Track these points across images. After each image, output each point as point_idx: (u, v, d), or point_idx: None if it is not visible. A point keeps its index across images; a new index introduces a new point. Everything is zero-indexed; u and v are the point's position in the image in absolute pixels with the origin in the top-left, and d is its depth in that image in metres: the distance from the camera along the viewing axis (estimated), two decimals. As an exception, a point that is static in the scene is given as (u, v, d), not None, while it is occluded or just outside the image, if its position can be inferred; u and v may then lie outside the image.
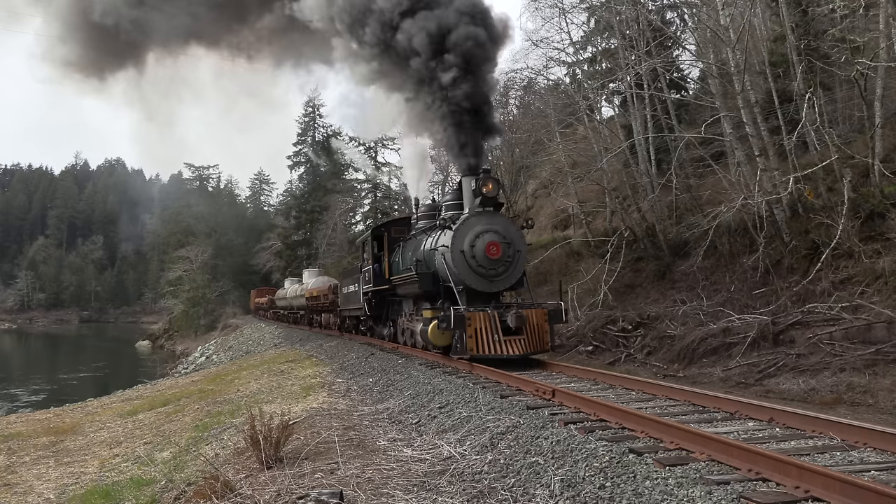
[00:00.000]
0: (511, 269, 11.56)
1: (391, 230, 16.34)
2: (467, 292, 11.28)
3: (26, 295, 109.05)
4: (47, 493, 7.93)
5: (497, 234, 11.38)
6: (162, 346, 58.14)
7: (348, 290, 20.23)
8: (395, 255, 15.43)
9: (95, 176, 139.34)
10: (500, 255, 11.27)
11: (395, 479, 5.21)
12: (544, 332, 10.98)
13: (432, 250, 12.27)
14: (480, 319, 10.57)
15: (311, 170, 60.61)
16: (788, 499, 3.74)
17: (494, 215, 11.77)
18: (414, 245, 13.89)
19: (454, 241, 11.26)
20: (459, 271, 11.19)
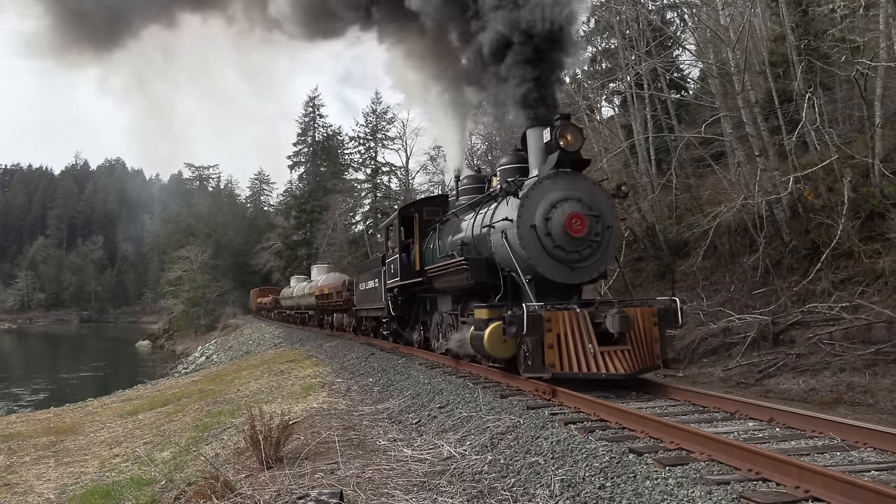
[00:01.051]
0: (599, 253, 8.64)
1: (423, 211, 13.35)
2: (537, 283, 8.36)
3: (26, 295, 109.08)
4: (47, 493, 7.93)
5: (581, 204, 8.42)
6: (162, 346, 58.16)
7: (366, 286, 17.33)
8: (428, 242, 12.79)
9: (95, 176, 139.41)
10: (586, 231, 8.34)
11: (395, 479, 5.21)
12: (653, 340, 8.05)
13: (485, 229, 9.39)
14: (566, 322, 7.57)
15: (311, 170, 60.68)
16: (788, 499, 3.74)
17: (576, 177, 8.76)
18: (455, 226, 11.31)
19: (522, 212, 8.41)
20: (529, 254, 8.33)
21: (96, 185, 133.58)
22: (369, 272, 17.07)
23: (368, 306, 17.36)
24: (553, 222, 8.34)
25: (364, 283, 17.75)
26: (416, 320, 13.85)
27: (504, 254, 8.73)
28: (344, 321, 23.09)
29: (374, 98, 52.03)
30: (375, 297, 15.93)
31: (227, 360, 28.87)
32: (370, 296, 16.73)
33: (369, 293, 16.89)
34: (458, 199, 12.03)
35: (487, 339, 8.11)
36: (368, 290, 17.00)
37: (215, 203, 79.15)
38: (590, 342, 7.49)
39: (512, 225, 8.52)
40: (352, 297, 20.32)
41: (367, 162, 51.86)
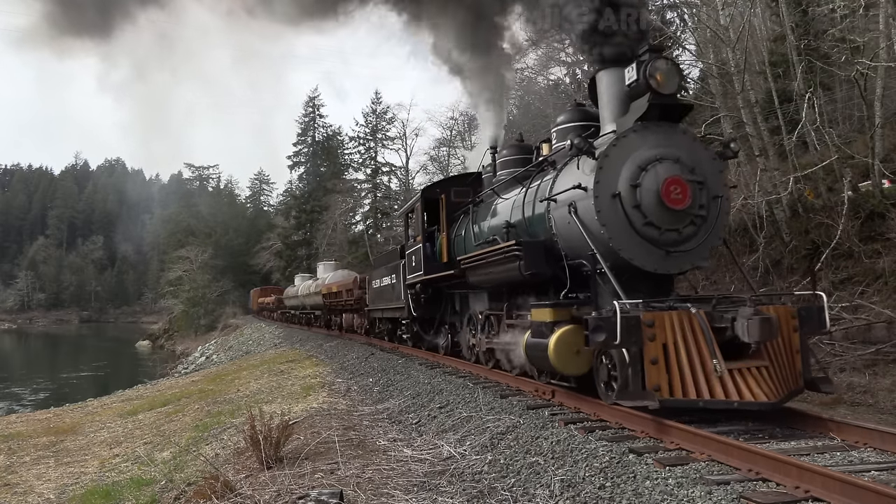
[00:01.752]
0: (703, 233, 6.55)
1: (450, 192, 11.52)
2: (617, 274, 6.19)
3: (26, 295, 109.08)
4: (47, 493, 7.93)
5: (680, 166, 6.39)
6: (162, 346, 58.15)
7: (381, 283, 15.50)
8: (458, 228, 11.12)
9: (95, 176, 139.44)
10: (688, 203, 6.29)
11: (395, 479, 5.21)
12: (794, 351, 5.98)
13: (543, 204, 7.48)
14: (676, 326, 5.50)
15: (311, 170, 60.72)
16: (788, 499, 3.74)
17: (673, 130, 6.70)
18: (494, 207, 9.52)
19: (601, 176, 6.40)
20: (610, 233, 6.32)
21: (96, 185, 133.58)
22: (385, 267, 15.26)
23: (384, 306, 15.45)
24: (644, 190, 6.28)
25: (378, 280, 15.91)
26: (442, 322, 12.10)
27: (571, 235, 6.80)
28: (354, 322, 21.09)
29: (374, 98, 51.94)
30: (392, 295, 14.10)
31: (227, 360, 28.87)
32: (386, 294, 14.98)
33: (385, 291, 15.04)
34: (497, 175, 10.09)
35: (554, 350, 6.03)
36: (384, 287, 15.18)
37: (215, 203, 79.18)
38: (713, 356, 5.37)
39: (586, 195, 6.49)
40: (364, 295, 18.47)
41: (367, 162, 51.96)
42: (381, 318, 16.70)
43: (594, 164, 6.50)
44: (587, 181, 6.55)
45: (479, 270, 8.69)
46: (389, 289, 14.46)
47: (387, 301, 14.92)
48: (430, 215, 11.90)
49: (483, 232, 9.67)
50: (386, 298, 14.97)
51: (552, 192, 7.28)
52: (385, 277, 15.01)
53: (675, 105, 6.69)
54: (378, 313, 16.71)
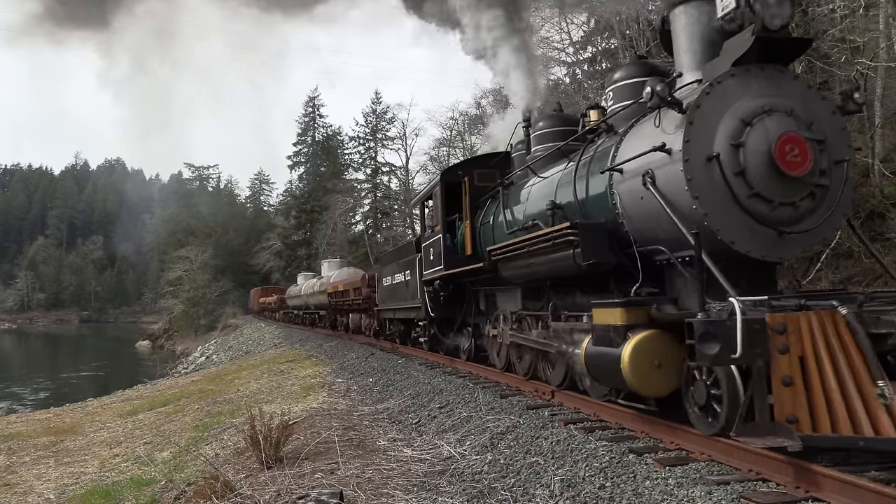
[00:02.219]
0: (824, 207, 5.17)
1: (474, 175, 10.26)
2: (714, 262, 4.73)
3: (26, 295, 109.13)
4: (47, 493, 7.93)
5: (796, 120, 5.00)
6: (162, 346, 58.17)
7: (393, 280, 14.25)
8: (483, 216, 9.75)
9: (95, 176, 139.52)
10: (809, 167, 4.92)
11: (395, 479, 5.21)
12: None
13: (603, 177, 6.10)
14: (815, 332, 4.10)
15: (311, 170, 60.76)
16: (788, 499, 3.74)
17: (782, 75, 5.24)
18: (529, 188, 8.22)
19: (691, 133, 5.00)
20: (707, 208, 4.95)
21: (96, 185, 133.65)
22: (397, 263, 13.95)
23: (396, 305, 14.11)
24: (749, 151, 4.86)
25: (389, 277, 14.58)
26: (464, 324, 10.89)
27: (645, 213, 5.41)
28: (362, 323, 19.79)
29: (374, 98, 51.95)
30: (406, 293, 12.85)
31: (226, 360, 28.88)
32: (398, 292, 13.71)
33: (397, 289, 13.79)
34: (533, 152, 8.65)
35: (630, 362, 4.67)
36: (396, 285, 13.86)
37: (215, 203, 79.23)
38: (879, 376, 3.91)
39: (669, 160, 5.07)
40: (373, 294, 17.21)
41: (367, 162, 52.01)
42: (393, 319, 15.38)
43: (681, 118, 4.97)
44: (672, 141, 5.03)
45: (516, 262, 7.34)
46: (403, 286, 13.23)
47: (399, 300, 13.69)
48: (451, 202, 10.49)
49: (517, 218, 8.25)
50: (398, 297, 13.77)
51: (615, 160, 5.81)
52: (397, 274, 13.73)
53: (786, 42, 5.05)
54: (389, 314, 15.37)
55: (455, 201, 10.49)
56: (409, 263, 12.72)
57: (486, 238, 9.36)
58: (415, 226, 41.93)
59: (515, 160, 9.56)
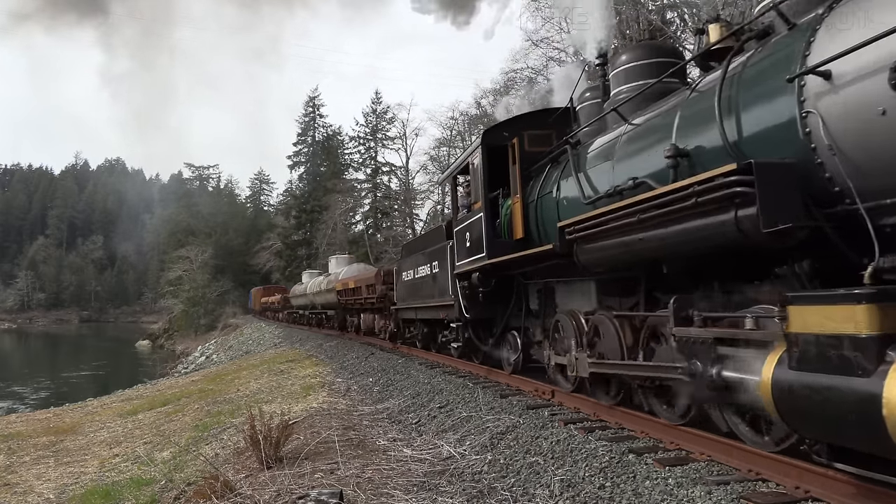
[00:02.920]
0: None
1: (523, 137, 8.21)
2: None
3: (26, 295, 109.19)
4: (47, 493, 7.93)
5: None
6: (162, 345, 58.20)
7: (415, 274, 12.27)
8: (541, 187, 7.69)
9: (95, 176, 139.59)
10: None
11: (395, 479, 5.21)
12: None
13: (782, 101, 3.93)
14: None
15: (311, 170, 60.81)
16: (788, 499, 3.74)
17: None
18: (609, 143, 6.32)
19: None
20: None
21: (96, 185, 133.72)
22: (422, 253, 11.90)
23: (419, 304, 12.10)
24: None
25: (411, 272, 12.54)
26: (508, 327, 8.89)
27: (880, 146, 3.34)
28: (376, 324, 17.77)
29: (374, 98, 51.96)
30: (433, 289, 10.98)
31: (226, 360, 28.89)
32: (423, 288, 11.72)
33: (421, 285, 11.79)
34: (615, 93, 6.65)
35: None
36: (420, 280, 11.86)
37: (215, 203, 79.28)
38: None
39: None
40: (389, 292, 15.44)
41: (367, 162, 52.06)
42: (414, 321, 13.28)
43: None
44: None
45: (609, 241, 5.22)
46: (428, 281, 11.26)
47: (424, 297, 11.65)
48: (494, 174, 8.47)
49: (599, 183, 6.18)
50: (423, 294, 11.70)
51: (809, 61, 3.69)
52: (421, 267, 11.75)
53: None
54: (409, 314, 13.28)
55: (500, 171, 8.35)
56: (437, 253, 10.70)
57: (546, 215, 7.38)
58: (415, 226, 42.01)
59: (582, 113, 7.55)
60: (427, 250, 11.68)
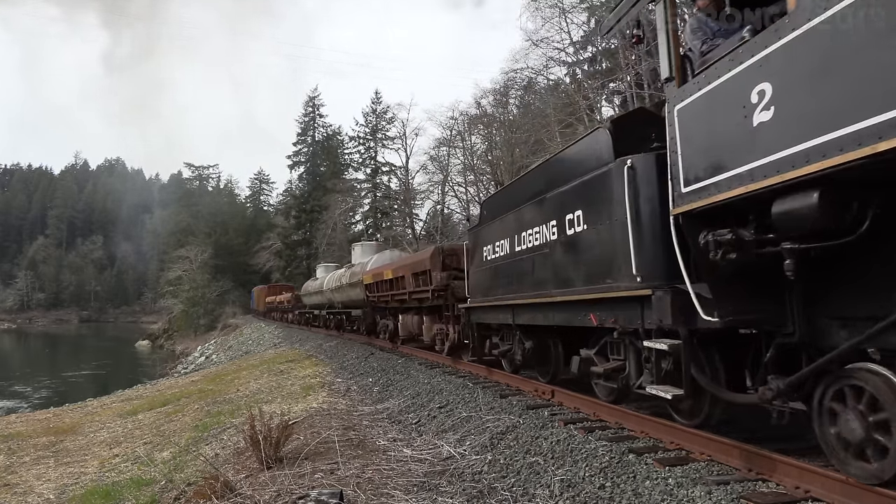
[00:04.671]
0: None
1: None
2: None
3: (26, 295, 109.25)
4: (47, 493, 7.93)
5: None
6: (162, 345, 58.21)
7: (517, 246, 7.55)
8: None
9: (95, 176, 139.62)
10: None
11: (395, 479, 5.21)
12: None
13: None
14: None
15: (310, 170, 60.87)
16: (788, 499, 3.74)
17: None
18: None
19: None
20: None
21: (96, 185, 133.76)
22: (536, 203, 7.00)
23: (530, 297, 7.16)
24: None
25: (504, 242, 7.97)
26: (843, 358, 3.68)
27: None
28: (427, 330, 12.45)
29: (374, 98, 51.96)
30: (576, 266, 6.09)
31: (226, 360, 28.89)
32: (541, 268, 6.87)
33: (537, 263, 6.96)
34: None
35: None
36: (532, 254, 7.06)
37: (215, 203, 79.34)
38: None
39: None
40: (455, 280, 10.81)
41: (366, 162, 52.06)
42: (508, 328, 8.33)
43: None
44: None
45: None
46: (558, 253, 6.44)
47: (544, 285, 6.79)
48: None
49: None
50: (541, 280, 6.85)
51: None
52: (535, 229, 6.96)
53: None
54: (497, 316, 8.39)
55: None
56: (590, 191, 5.76)
57: None
58: (415, 226, 42.06)
59: None
60: (555, 194, 6.38)
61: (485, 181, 35.16)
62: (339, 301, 21.63)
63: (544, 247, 6.78)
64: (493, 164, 33.02)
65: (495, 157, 32.93)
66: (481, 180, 35.53)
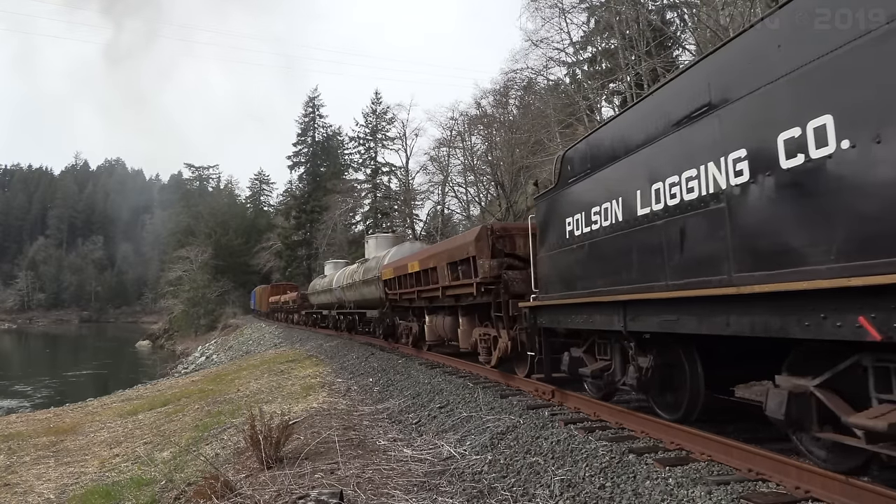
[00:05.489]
0: None
1: None
2: None
3: (26, 295, 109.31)
4: (47, 493, 7.93)
5: None
6: (162, 345, 58.21)
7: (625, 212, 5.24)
8: None
9: (95, 176, 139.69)
10: None
11: (395, 479, 5.21)
12: None
13: None
14: None
15: (310, 170, 60.90)
16: (788, 499, 3.74)
17: None
18: None
19: None
20: None
21: (96, 185, 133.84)
22: (723, 114, 4.14)
23: (705, 287, 4.25)
24: None
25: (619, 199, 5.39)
26: None
27: None
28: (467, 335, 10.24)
29: (374, 98, 51.97)
30: (862, 207, 3.13)
31: (227, 360, 28.89)
32: (720, 231, 4.12)
33: (700, 223, 4.32)
34: None
35: None
36: (678, 215, 4.56)
37: (215, 203, 79.36)
38: None
39: None
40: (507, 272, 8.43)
41: (367, 162, 52.06)
42: (620, 337, 5.82)
43: None
44: None
45: None
46: (767, 196, 3.75)
47: (710, 260, 4.25)
48: None
49: None
50: (707, 253, 4.30)
51: None
52: (720, 159, 4.12)
53: None
54: (601, 319, 5.81)
55: None
56: (845, 75, 3.24)
57: None
58: (415, 226, 42.09)
59: None
60: (750, 98, 3.93)
61: (485, 181, 35.19)
62: (351, 300, 19.49)
63: (711, 200, 4.19)
64: (493, 165, 33.04)
65: (495, 157, 32.95)
66: (481, 181, 35.55)
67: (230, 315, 55.91)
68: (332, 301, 22.94)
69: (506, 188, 30.89)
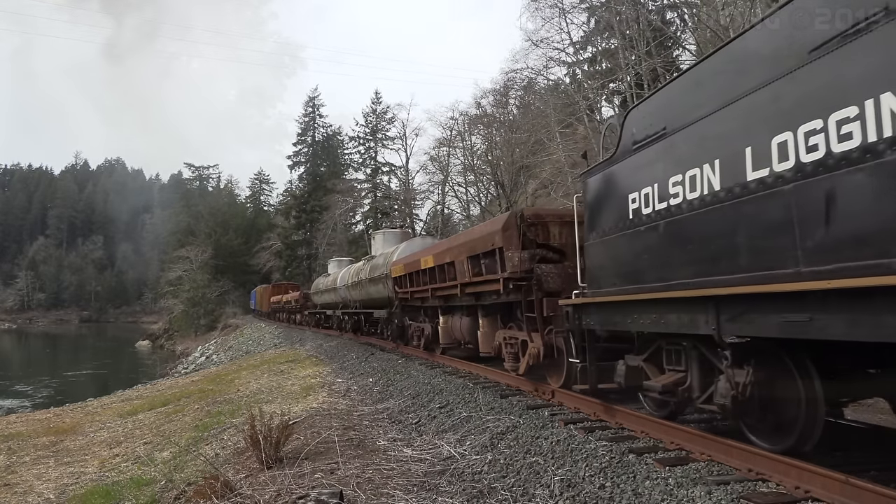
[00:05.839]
0: None
1: None
2: None
3: (26, 295, 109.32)
4: (47, 493, 7.93)
5: None
6: (162, 345, 58.20)
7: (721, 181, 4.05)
8: None
9: (95, 176, 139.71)
10: None
11: (395, 479, 5.21)
12: None
13: None
14: None
15: (310, 170, 60.90)
16: (788, 499, 3.74)
17: None
18: None
19: None
20: None
21: (96, 185, 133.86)
22: None
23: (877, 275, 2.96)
24: None
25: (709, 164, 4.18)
26: None
27: None
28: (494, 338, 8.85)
29: (374, 98, 51.99)
30: None
31: (226, 360, 28.89)
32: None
33: (865, 182, 3.04)
34: None
35: None
36: (813, 177, 3.32)
37: (215, 203, 79.34)
38: None
39: None
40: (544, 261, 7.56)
41: (367, 162, 52.09)
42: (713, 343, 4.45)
43: None
44: None
45: None
46: None
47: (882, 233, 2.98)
48: None
49: None
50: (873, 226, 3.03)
51: None
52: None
53: None
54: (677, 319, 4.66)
55: None
56: None
57: None
58: (415, 226, 42.07)
59: None
60: None
61: (485, 181, 35.18)
62: (357, 300, 18.44)
63: (888, 149, 2.94)
64: (493, 165, 33.04)
65: (495, 157, 32.95)
66: (481, 180, 35.55)
67: (230, 315, 55.91)
68: (337, 301, 21.94)
69: (506, 188, 30.90)
